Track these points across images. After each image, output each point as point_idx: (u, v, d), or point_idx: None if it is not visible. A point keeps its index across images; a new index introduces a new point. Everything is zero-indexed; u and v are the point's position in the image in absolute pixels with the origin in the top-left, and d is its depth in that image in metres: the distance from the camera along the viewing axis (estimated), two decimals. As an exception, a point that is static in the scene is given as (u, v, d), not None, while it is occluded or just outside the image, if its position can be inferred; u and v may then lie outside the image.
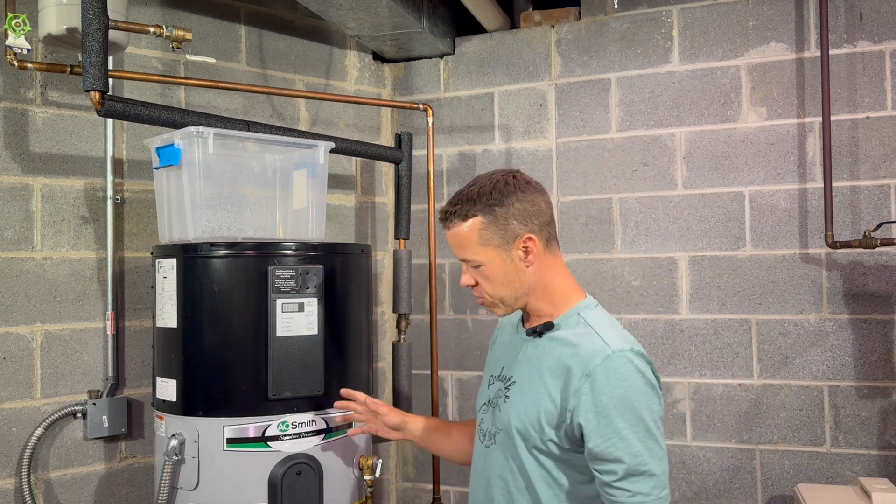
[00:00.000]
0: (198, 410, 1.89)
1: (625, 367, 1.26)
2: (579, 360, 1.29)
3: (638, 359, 1.28)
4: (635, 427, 1.23)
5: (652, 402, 1.26)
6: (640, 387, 1.25)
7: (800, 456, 2.60)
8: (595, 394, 1.25)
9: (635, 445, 1.22)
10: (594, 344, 1.30)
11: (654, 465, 1.23)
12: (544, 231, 1.38)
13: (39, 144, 2.31)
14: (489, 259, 1.37)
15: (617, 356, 1.26)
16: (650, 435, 1.24)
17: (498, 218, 1.35)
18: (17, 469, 2.22)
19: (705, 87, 2.73)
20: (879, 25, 2.56)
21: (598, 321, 1.35)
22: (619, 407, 1.23)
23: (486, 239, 1.36)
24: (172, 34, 2.02)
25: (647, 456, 1.23)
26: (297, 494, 1.88)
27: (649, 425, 1.24)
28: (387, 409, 1.80)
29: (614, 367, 1.25)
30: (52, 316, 2.31)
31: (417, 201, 2.98)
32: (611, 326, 1.35)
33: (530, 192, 1.38)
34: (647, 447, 1.23)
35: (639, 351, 1.30)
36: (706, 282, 2.71)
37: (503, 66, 3.00)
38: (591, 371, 1.26)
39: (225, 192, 2.00)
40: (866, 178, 2.55)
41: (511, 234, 1.36)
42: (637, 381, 1.25)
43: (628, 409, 1.23)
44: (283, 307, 1.90)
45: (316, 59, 2.95)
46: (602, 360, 1.26)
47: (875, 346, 2.53)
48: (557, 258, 1.42)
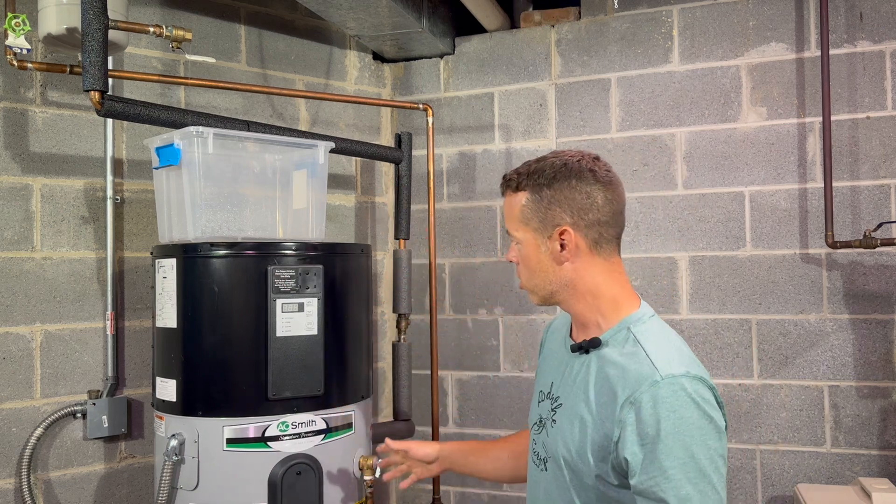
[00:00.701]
0: (198, 410, 1.89)
1: (675, 395, 1.09)
2: (626, 386, 1.13)
3: (694, 384, 1.10)
4: (685, 466, 1.07)
5: (708, 437, 1.09)
6: (693, 419, 1.08)
7: (800, 456, 2.60)
8: (640, 425, 1.09)
9: (684, 487, 1.06)
10: (642, 367, 1.13)
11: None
12: (592, 230, 1.22)
13: (39, 144, 2.31)
14: (526, 239, 1.25)
15: (667, 383, 1.09)
16: (703, 476, 1.07)
17: (542, 200, 1.22)
18: (17, 469, 2.22)
19: (705, 87, 2.73)
20: (879, 25, 2.56)
21: (650, 338, 1.18)
22: (667, 441, 1.07)
23: (527, 218, 1.24)
24: (172, 34, 2.02)
25: (698, 499, 1.07)
26: (297, 494, 1.88)
27: (703, 464, 1.07)
28: (416, 446, 1.63)
29: (663, 395, 1.09)
30: (52, 316, 2.31)
31: (417, 201, 2.98)
32: (664, 344, 1.18)
33: (588, 183, 1.21)
34: (699, 490, 1.07)
35: (696, 375, 1.12)
36: (706, 282, 2.71)
37: (503, 66, 3.00)
38: (636, 399, 1.10)
39: (225, 192, 2.00)
40: (866, 178, 2.55)
41: (551, 221, 1.22)
42: (690, 412, 1.08)
43: (678, 445, 1.07)
44: (283, 307, 1.90)
45: (316, 59, 2.94)
46: (649, 386, 1.10)
47: (875, 346, 2.53)
48: (610, 262, 1.25)
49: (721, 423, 1.12)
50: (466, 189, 3.03)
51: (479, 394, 2.99)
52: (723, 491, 1.09)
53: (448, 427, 3.01)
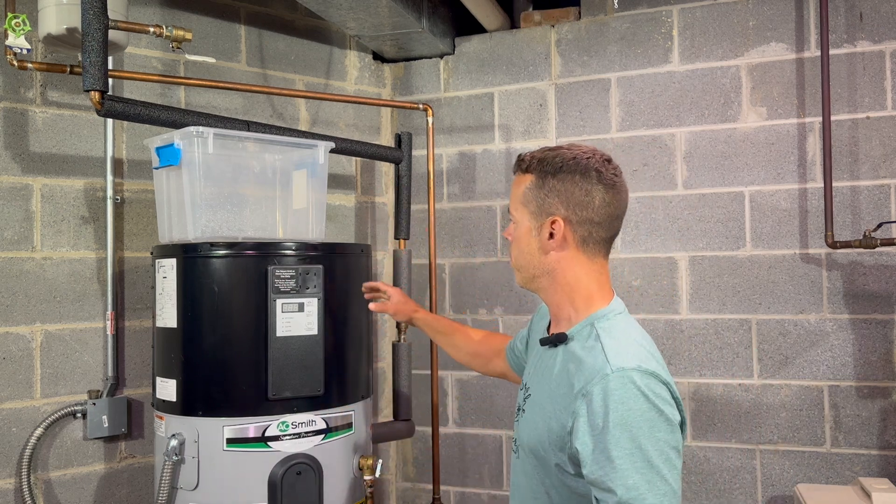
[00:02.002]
0: (198, 410, 1.89)
1: (624, 388, 1.11)
2: (580, 378, 1.16)
3: (644, 378, 1.12)
4: (632, 456, 1.08)
5: (657, 429, 1.10)
6: (641, 411, 1.10)
7: (800, 456, 2.60)
8: (590, 416, 1.12)
9: (630, 477, 1.08)
10: (596, 360, 1.16)
11: (653, 500, 1.07)
12: (583, 227, 1.25)
13: (39, 144, 2.31)
14: (521, 219, 1.30)
15: (616, 376, 1.12)
16: (650, 466, 1.08)
17: (544, 187, 1.26)
18: (17, 469, 2.22)
19: (705, 87, 2.73)
20: (879, 25, 2.56)
21: (611, 333, 1.21)
22: (614, 432, 1.09)
23: (527, 200, 1.29)
24: (172, 34, 2.02)
25: (646, 489, 1.07)
26: (297, 494, 1.88)
27: (650, 455, 1.08)
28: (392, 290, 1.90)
29: (612, 387, 1.11)
30: (52, 316, 2.31)
31: (417, 201, 2.98)
32: (623, 339, 1.21)
33: (591, 182, 1.24)
34: (647, 479, 1.08)
35: (648, 370, 1.14)
36: (706, 282, 2.71)
37: (503, 66, 3.00)
38: (587, 391, 1.13)
39: (225, 192, 2.00)
40: (866, 178, 2.55)
41: (546, 209, 1.26)
42: (638, 404, 1.10)
43: (625, 436, 1.09)
44: (283, 307, 1.90)
45: (316, 59, 2.94)
46: (600, 378, 1.13)
47: (875, 346, 2.53)
48: (593, 262, 1.28)
49: (674, 417, 1.13)
50: (466, 189, 3.03)
51: (479, 394, 2.99)
52: (675, 482, 1.10)
53: (448, 427, 3.01)
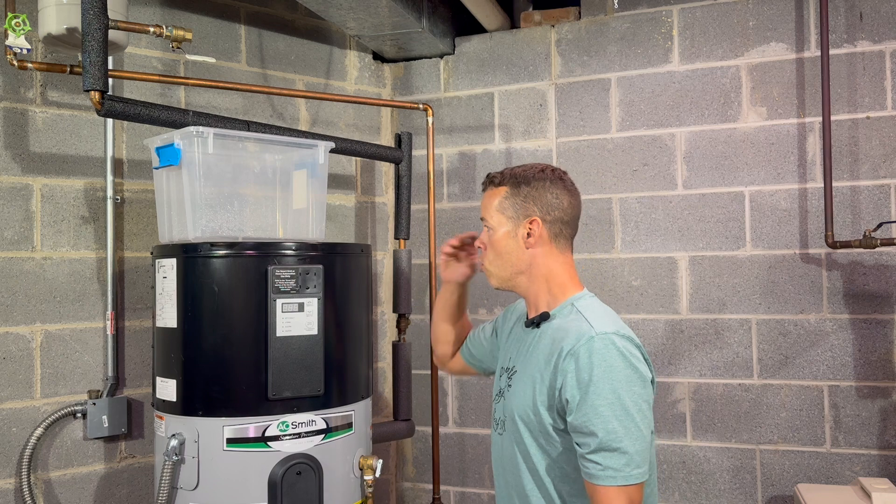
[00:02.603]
0: (198, 410, 1.89)
1: (606, 348, 1.31)
2: (567, 341, 1.36)
3: (622, 341, 1.34)
4: (612, 405, 1.28)
5: (633, 383, 1.31)
6: (620, 368, 1.30)
7: (800, 456, 2.60)
8: (578, 371, 1.31)
9: (611, 422, 1.27)
10: (581, 327, 1.37)
11: (629, 444, 1.27)
12: (555, 225, 1.47)
13: (39, 144, 2.31)
14: (498, 225, 1.49)
15: (600, 337, 1.32)
16: (627, 414, 1.28)
17: (520, 194, 1.47)
18: (17, 469, 2.22)
19: (705, 87, 2.73)
20: (879, 25, 2.56)
21: (589, 309, 1.43)
22: (598, 384, 1.29)
23: (504, 208, 1.48)
24: (172, 34, 2.02)
25: (623, 433, 1.27)
26: (297, 494, 1.88)
27: (627, 404, 1.28)
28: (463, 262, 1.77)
29: (596, 347, 1.31)
30: (52, 316, 2.31)
31: (417, 201, 2.98)
32: (601, 314, 1.42)
33: (559, 188, 1.48)
34: (624, 426, 1.27)
35: (625, 335, 1.36)
36: (706, 282, 2.71)
37: (503, 66, 3.00)
38: (575, 350, 1.33)
39: (225, 192, 2.00)
40: (866, 178, 2.55)
41: (524, 212, 1.47)
42: (617, 361, 1.31)
43: (607, 388, 1.28)
44: (283, 307, 1.90)
45: (316, 59, 2.94)
46: (586, 340, 1.33)
47: (875, 346, 2.53)
48: (564, 254, 1.50)
49: (647, 375, 1.35)
50: (466, 189, 3.03)
51: (478, 394, 2.99)
52: (646, 430, 1.31)
53: (448, 427, 3.01)
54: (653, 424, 1.35)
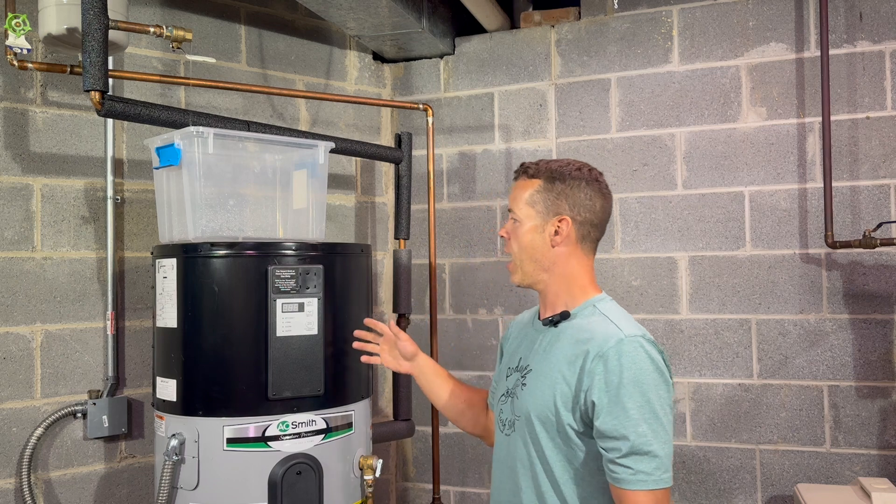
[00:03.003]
0: (198, 410, 1.89)
1: (636, 351, 1.31)
2: (594, 343, 1.35)
3: (649, 345, 1.33)
4: (642, 408, 1.27)
5: (660, 387, 1.31)
6: (649, 371, 1.30)
7: (800, 456, 2.60)
8: (607, 374, 1.30)
9: (641, 426, 1.27)
10: (608, 329, 1.36)
11: (658, 448, 1.27)
12: (584, 227, 1.45)
13: (39, 144, 2.31)
14: (526, 218, 1.46)
15: (629, 340, 1.32)
16: (656, 418, 1.28)
17: (552, 190, 1.45)
18: (17, 469, 2.22)
19: (705, 87, 2.73)
20: (879, 25, 2.56)
21: (613, 312, 1.42)
22: (629, 387, 1.28)
23: (534, 201, 1.45)
24: (172, 34, 2.02)
25: (652, 437, 1.26)
26: (297, 494, 1.88)
27: (656, 408, 1.28)
28: (405, 337, 1.73)
29: (626, 350, 1.31)
30: (52, 316, 2.31)
31: (417, 201, 2.98)
32: (624, 316, 1.42)
33: (594, 190, 1.46)
34: (653, 429, 1.27)
35: (650, 339, 1.36)
36: (706, 282, 2.71)
37: (503, 66, 3.00)
38: (604, 353, 1.31)
39: (225, 192, 2.00)
40: (866, 178, 2.56)
41: (554, 209, 1.44)
42: (647, 365, 1.30)
43: (637, 391, 1.28)
44: (283, 307, 1.90)
45: (316, 59, 2.95)
46: (615, 343, 1.32)
47: (875, 346, 2.53)
48: (588, 257, 1.48)
49: (669, 379, 1.35)
50: (466, 189, 3.03)
51: (479, 394, 2.99)
52: (670, 432, 1.31)
53: (448, 427, 3.01)
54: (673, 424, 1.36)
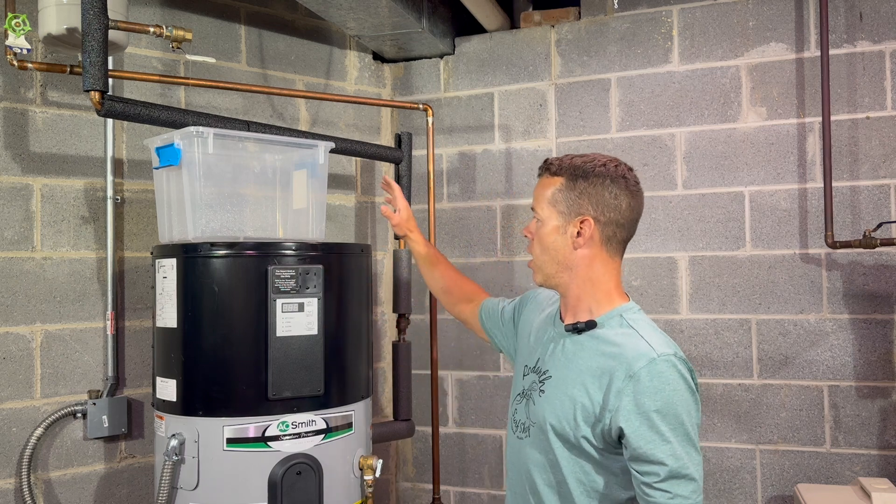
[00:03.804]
0: (198, 410, 1.89)
1: (669, 371, 1.26)
2: (623, 360, 1.28)
3: (682, 364, 1.28)
4: (676, 431, 1.24)
5: (692, 408, 1.27)
6: (682, 392, 1.26)
7: (800, 456, 2.60)
8: (638, 395, 1.25)
9: (677, 449, 1.24)
10: (639, 346, 1.29)
11: (694, 471, 1.25)
12: (609, 227, 1.37)
13: (39, 144, 2.31)
14: (548, 218, 1.39)
15: (662, 360, 1.26)
16: (689, 440, 1.25)
17: (575, 189, 1.37)
18: (17, 469, 2.22)
19: (705, 87, 2.73)
20: (879, 25, 2.56)
21: (642, 324, 1.36)
22: (663, 411, 1.24)
23: (556, 200, 1.38)
24: (172, 34, 2.02)
25: (688, 460, 1.24)
26: (297, 494, 1.88)
27: (689, 431, 1.25)
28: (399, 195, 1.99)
29: (659, 370, 1.25)
30: (52, 316, 2.31)
31: (417, 201, 2.98)
32: (654, 330, 1.35)
33: (620, 187, 1.36)
34: (687, 452, 1.25)
35: (682, 357, 1.30)
36: (706, 282, 2.71)
37: (503, 66, 3.00)
38: (635, 373, 1.26)
39: (225, 192, 2.00)
40: (866, 178, 2.56)
41: (577, 209, 1.37)
42: (680, 386, 1.26)
43: (671, 414, 1.24)
44: (283, 307, 1.90)
45: (316, 59, 2.94)
46: (647, 363, 1.26)
47: (875, 346, 2.53)
48: (614, 259, 1.40)
49: (698, 401, 1.31)
50: (466, 189, 3.03)
51: (478, 394, 2.99)
52: (700, 452, 1.28)
53: (448, 427, 3.01)
54: None
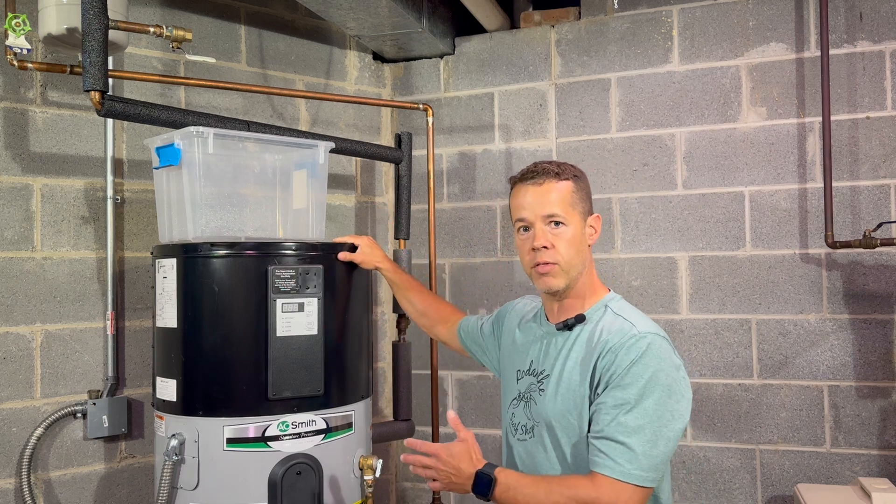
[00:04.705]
0: (198, 410, 1.89)
1: (651, 346, 1.29)
2: (608, 339, 1.34)
3: (665, 343, 1.32)
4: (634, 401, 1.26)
5: (667, 389, 1.28)
6: (656, 368, 1.28)
7: (800, 456, 2.60)
8: (615, 366, 1.29)
9: (624, 416, 1.25)
10: (623, 326, 1.35)
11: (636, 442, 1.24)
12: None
13: (39, 144, 2.31)
14: (574, 221, 1.42)
15: (642, 337, 1.30)
16: (647, 416, 1.26)
17: (581, 189, 1.44)
18: (17, 469, 2.22)
19: (705, 87, 2.73)
20: (879, 25, 2.56)
21: (627, 311, 1.41)
22: (627, 378, 1.27)
23: (574, 202, 1.42)
24: (172, 34, 2.02)
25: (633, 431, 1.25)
26: (297, 494, 1.88)
27: (649, 406, 1.26)
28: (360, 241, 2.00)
29: (638, 346, 1.29)
30: (52, 316, 2.31)
31: (417, 201, 2.98)
32: (639, 315, 1.40)
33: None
34: (639, 425, 1.25)
35: (665, 336, 1.34)
36: (706, 282, 2.71)
37: (503, 66, 3.00)
38: (615, 347, 1.31)
39: (225, 192, 2.00)
40: (866, 178, 2.56)
41: (588, 208, 1.45)
42: (655, 363, 1.28)
43: (636, 385, 1.26)
44: (283, 307, 1.90)
45: (316, 59, 2.94)
46: (629, 338, 1.31)
47: (875, 346, 2.53)
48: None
49: (682, 383, 1.32)
50: (466, 189, 3.03)
51: (479, 394, 2.99)
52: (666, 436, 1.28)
53: (448, 427, 3.00)
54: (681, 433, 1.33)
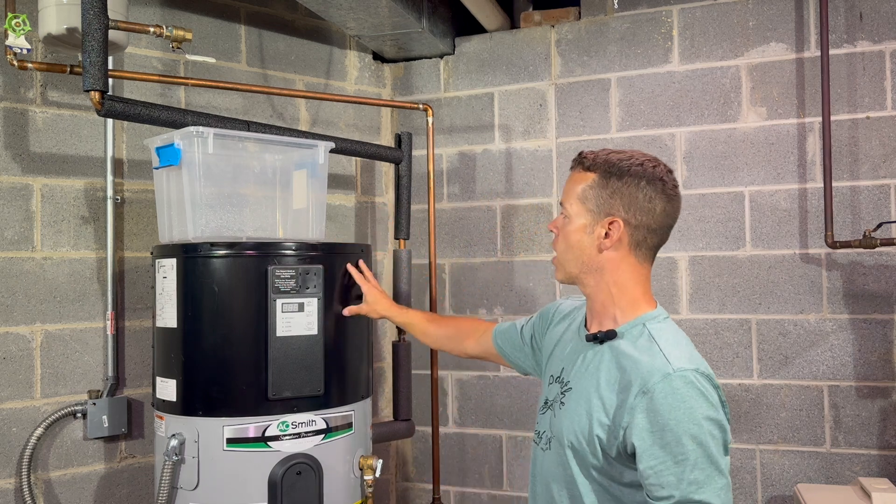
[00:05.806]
0: (198, 410, 1.89)
1: (686, 388, 1.17)
2: (637, 375, 1.20)
3: (703, 380, 1.19)
4: (691, 453, 1.14)
5: (714, 428, 1.17)
6: (701, 410, 1.16)
7: (800, 456, 2.60)
8: (651, 413, 1.16)
9: (691, 473, 1.14)
10: (655, 360, 1.21)
11: (711, 495, 1.14)
12: (640, 231, 1.30)
13: (39, 144, 2.31)
14: (576, 215, 1.33)
15: (678, 376, 1.17)
16: (710, 462, 1.15)
17: (608, 187, 1.29)
18: (17, 469, 2.22)
19: (705, 87, 2.73)
20: (879, 25, 2.56)
21: (664, 335, 1.27)
22: (676, 430, 1.15)
23: (586, 197, 1.31)
24: (172, 34, 2.02)
25: (705, 483, 1.14)
26: (297, 494, 1.88)
27: (710, 452, 1.15)
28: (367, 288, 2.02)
29: (674, 387, 1.16)
30: (52, 316, 2.31)
31: (417, 201, 2.98)
32: (676, 343, 1.26)
33: (656, 190, 1.29)
34: (707, 475, 1.14)
35: (704, 372, 1.21)
36: (706, 282, 2.71)
37: (503, 66, 3.00)
38: (648, 389, 1.18)
39: (225, 192, 2.00)
40: (866, 178, 2.56)
41: (606, 209, 1.29)
42: (698, 403, 1.16)
43: (686, 434, 1.14)
44: (283, 307, 1.90)
45: (316, 59, 2.94)
46: (661, 378, 1.17)
47: (875, 346, 2.53)
48: (643, 265, 1.34)
49: (724, 420, 1.20)
50: (466, 189, 3.03)
51: (478, 394, 2.99)
52: (727, 476, 1.17)
53: (448, 427, 3.01)
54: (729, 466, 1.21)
